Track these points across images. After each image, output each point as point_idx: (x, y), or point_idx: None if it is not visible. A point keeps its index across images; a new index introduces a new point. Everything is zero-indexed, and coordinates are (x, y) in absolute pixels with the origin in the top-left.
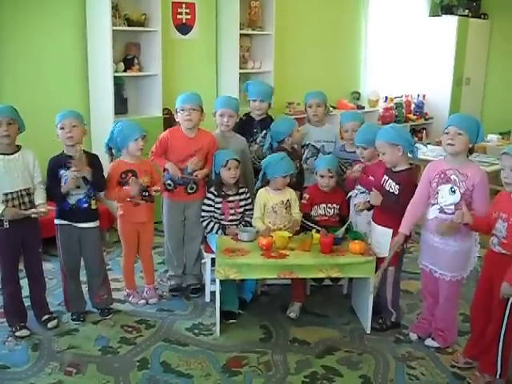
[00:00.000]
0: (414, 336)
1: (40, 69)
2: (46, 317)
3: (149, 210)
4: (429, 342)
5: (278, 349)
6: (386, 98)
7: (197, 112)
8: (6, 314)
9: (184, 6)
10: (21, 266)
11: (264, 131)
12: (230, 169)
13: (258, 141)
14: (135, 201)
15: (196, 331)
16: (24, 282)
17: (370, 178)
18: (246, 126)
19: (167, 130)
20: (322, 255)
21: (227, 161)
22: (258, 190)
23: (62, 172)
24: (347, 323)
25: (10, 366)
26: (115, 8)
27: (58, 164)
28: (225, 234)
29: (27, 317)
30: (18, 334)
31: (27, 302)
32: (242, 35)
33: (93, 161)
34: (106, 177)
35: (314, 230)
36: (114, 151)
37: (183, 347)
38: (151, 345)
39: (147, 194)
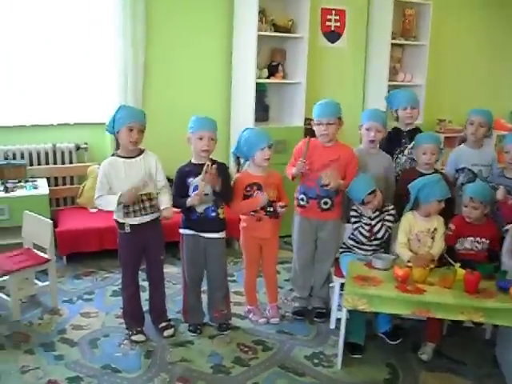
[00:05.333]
0: None
1: (184, 71)
2: (163, 324)
3: (273, 225)
4: None
5: None
6: None
7: (334, 125)
8: (125, 317)
9: (334, 12)
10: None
11: (413, 143)
12: (369, 202)
13: (405, 152)
14: (258, 215)
15: (315, 361)
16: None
17: None
18: (393, 138)
19: (302, 140)
20: (466, 295)
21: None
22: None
23: (189, 180)
24: (488, 376)
25: (121, 370)
26: (262, 13)
27: (185, 173)
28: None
29: (144, 321)
30: (133, 338)
31: (146, 306)
32: (393, 45)
33: (221, 170)
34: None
35: (458, 265)
36: (241, 160)
37: (299, 377)
38: (266, 369)
39: (272, 209)
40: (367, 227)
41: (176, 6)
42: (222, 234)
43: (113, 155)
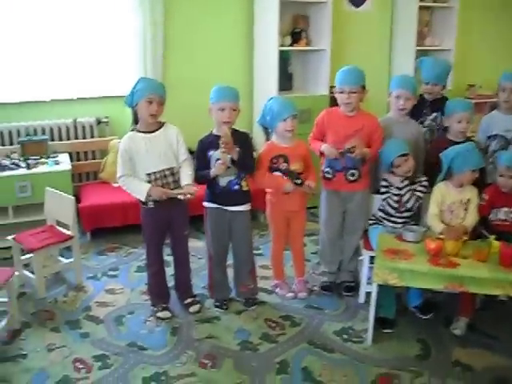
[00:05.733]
0: None
1: (205, 40)
2: (188, 300)
3: (301, 198)
4: None
5: (436, 371)
6: None
7: (358, 94)
8: (150, 293)
9: None
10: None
11: (434, 114)
12: (399, 166)
13: (426, 124)
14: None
15: (345, 336)
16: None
17: None
18: (415, 107)
19: (324, 110)
20: (502, 269)
21: (393, 160)
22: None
23: (210, 153)
24: None
25: (146, 347)
26: None
27: (207, 145)
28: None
29: (170, 298)
30: (159, 314)
31: (172, 282)
32: (421, 8)
33: (242, 140)
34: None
35: (493, 237)
36: (269, 130)
37: (328, 353)
38: (294, 346)
39: (299, 181)
40: (396, 198)
41: None
42: (246, 207)
43: (132, 130)
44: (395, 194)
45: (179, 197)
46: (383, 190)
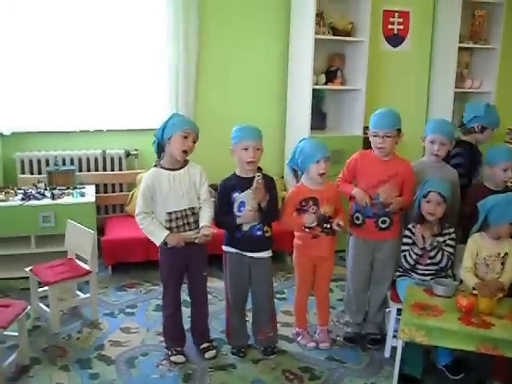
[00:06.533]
0: None
1: (238, 78)
2: (205, 345)
3: (329, 243)
4: None
5: None
6: None
7: (392, 138)
8: (164, 335)
9: (397, 15)
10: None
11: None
12: (429, 202)
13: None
14: (314, 232)
15: None
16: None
17: None
18: (474, 154)
19: (357, 153)
20: None
21: (429, 192)
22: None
23: (235, 195)
24: None
25: None
26: (320, 15)
27: (230, 187)
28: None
29: (185, 342)
30: (173, 358)
31: (188, 324)
32: (460, 49)
33: (268, 185)
34: (280, 203)
35: None
36: (298, 173)
37: None
38: None
39: (328, 225)
40: (415, 256)
41: (230, 10)
42: (268, 253)
43: (155, 166)
44: (416, 253)
45: (196, 241)
46: (405, 240)
